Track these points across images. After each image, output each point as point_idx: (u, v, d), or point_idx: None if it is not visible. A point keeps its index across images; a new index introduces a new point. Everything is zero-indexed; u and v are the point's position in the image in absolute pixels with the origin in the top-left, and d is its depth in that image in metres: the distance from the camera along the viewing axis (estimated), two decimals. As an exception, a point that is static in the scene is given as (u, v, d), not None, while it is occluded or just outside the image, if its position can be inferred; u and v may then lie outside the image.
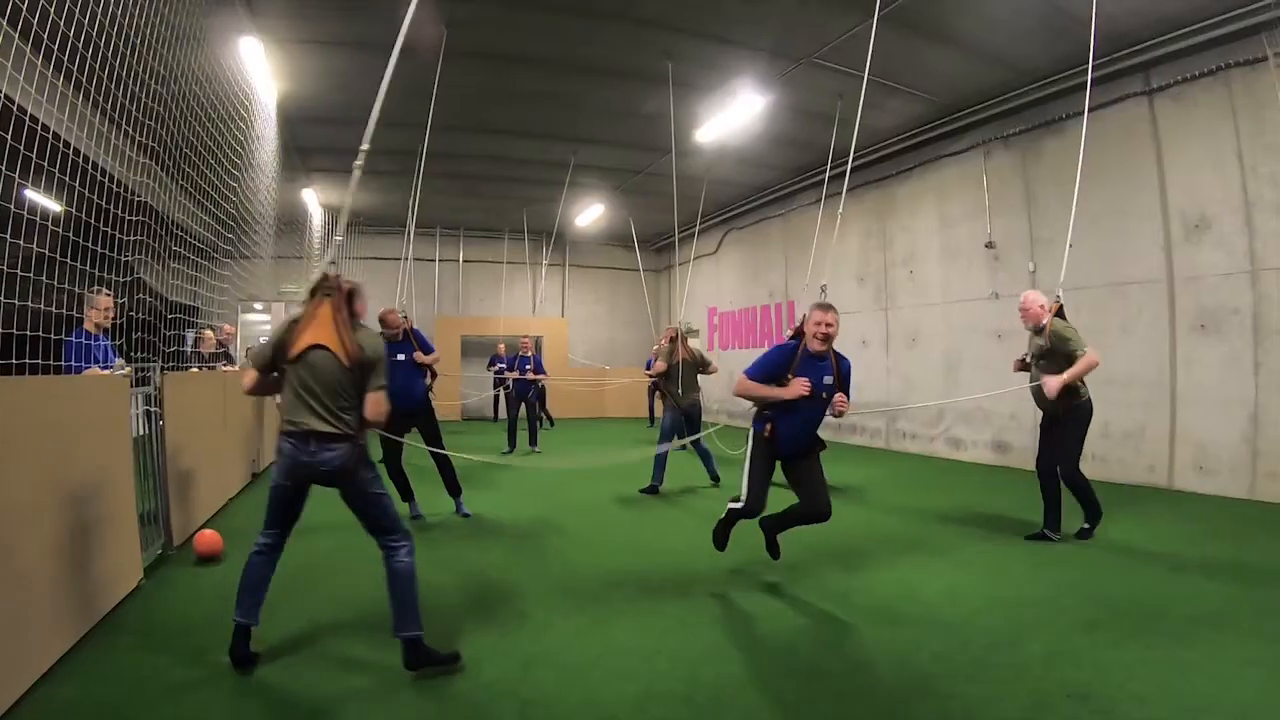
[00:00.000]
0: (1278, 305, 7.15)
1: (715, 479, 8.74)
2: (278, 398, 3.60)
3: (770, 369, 4.56)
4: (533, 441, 12.28)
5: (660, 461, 8.37)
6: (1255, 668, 3.38)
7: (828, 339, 4.48)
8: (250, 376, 3.62)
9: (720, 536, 4.95)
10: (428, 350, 7.13)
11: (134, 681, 3.31)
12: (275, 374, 3.55)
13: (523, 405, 12.29)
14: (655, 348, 10.01)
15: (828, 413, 4.65)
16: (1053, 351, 5.70)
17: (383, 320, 7.06)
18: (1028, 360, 6.18)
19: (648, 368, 13.38)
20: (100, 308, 5.20)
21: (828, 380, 4.55)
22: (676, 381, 8.44)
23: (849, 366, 4.72)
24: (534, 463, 10.92)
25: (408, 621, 3.45)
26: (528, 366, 12.14)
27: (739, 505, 4.67)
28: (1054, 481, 5.91)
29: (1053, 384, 5.51)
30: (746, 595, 4.56)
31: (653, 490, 8.24)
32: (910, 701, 3.16)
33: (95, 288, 5.03)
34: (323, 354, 3.44)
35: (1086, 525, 5.96)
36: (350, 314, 3.57)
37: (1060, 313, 5.91)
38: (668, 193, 12.67)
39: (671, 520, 7.00)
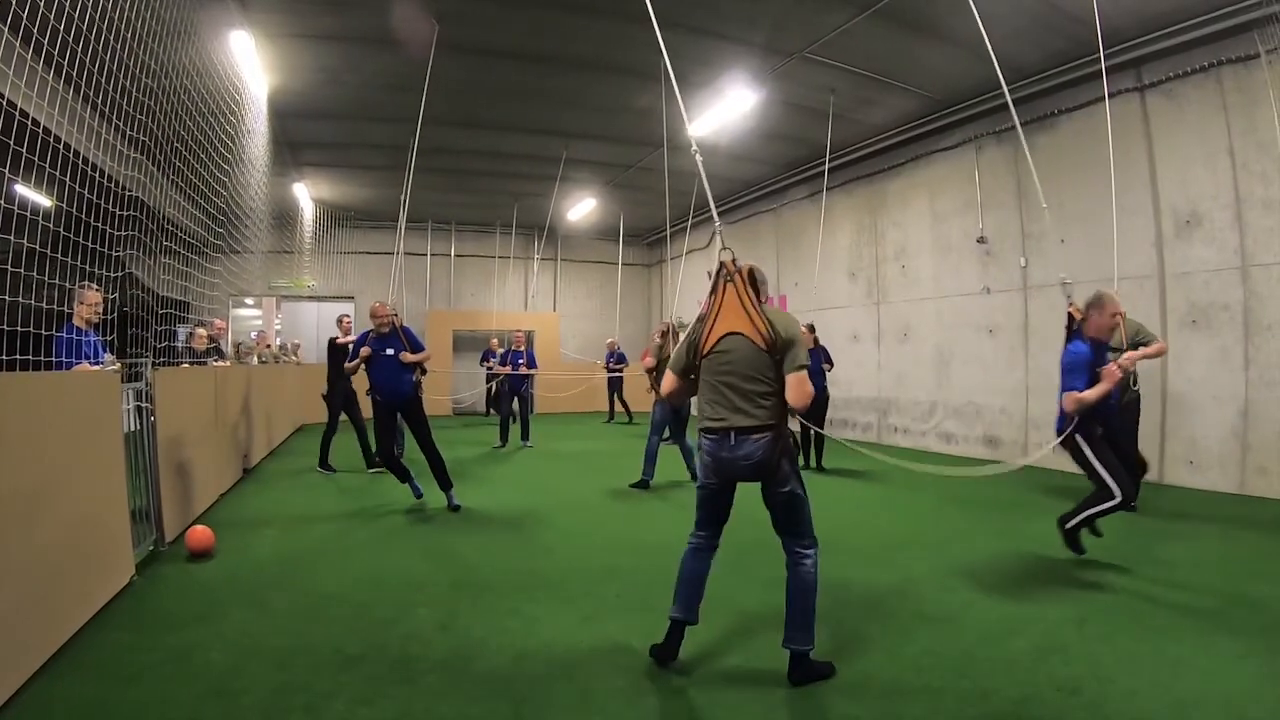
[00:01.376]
0: (1268, 301, 7.20)
1: (694, 476, 8.62)
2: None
3: (1086, 372, 4.79)
4: (524, 436, 12.24)
5: (650, 456, 8.38)
6: (1245, 662, 3.41)
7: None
8: (670, 381, 3.57)
9: (1076, 539, 5.09)
10: (417, 349, 7.19)
11: (126, 678, 3.30)
12: (693, 376, 3.50)
13: (515, 399, 12.32)
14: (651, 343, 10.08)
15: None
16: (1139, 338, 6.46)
17: (372, 313, 7.14)
18: None
19: (608, 364, 13.50)
20: (89, 303, 5.16)
21: (1110, 356, 5.14)
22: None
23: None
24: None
25: (801, 634, 3.32)
26: (520, 361, 12.19)
27: (1113, 501, 4.81)
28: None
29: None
30: (740, 590, 4.57)
31: (643, 485, 8.24)
32: (900, 695, 3.18)
33: (84, 283, 5.00)
34: (738, 340, 3.32)
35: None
36: (755, 294, 3.41)
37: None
38: (659, 188, 12.68)
39: (661, 515, 7.01)
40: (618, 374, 16.80)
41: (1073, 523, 5.02)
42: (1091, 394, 4.72)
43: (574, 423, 16.70)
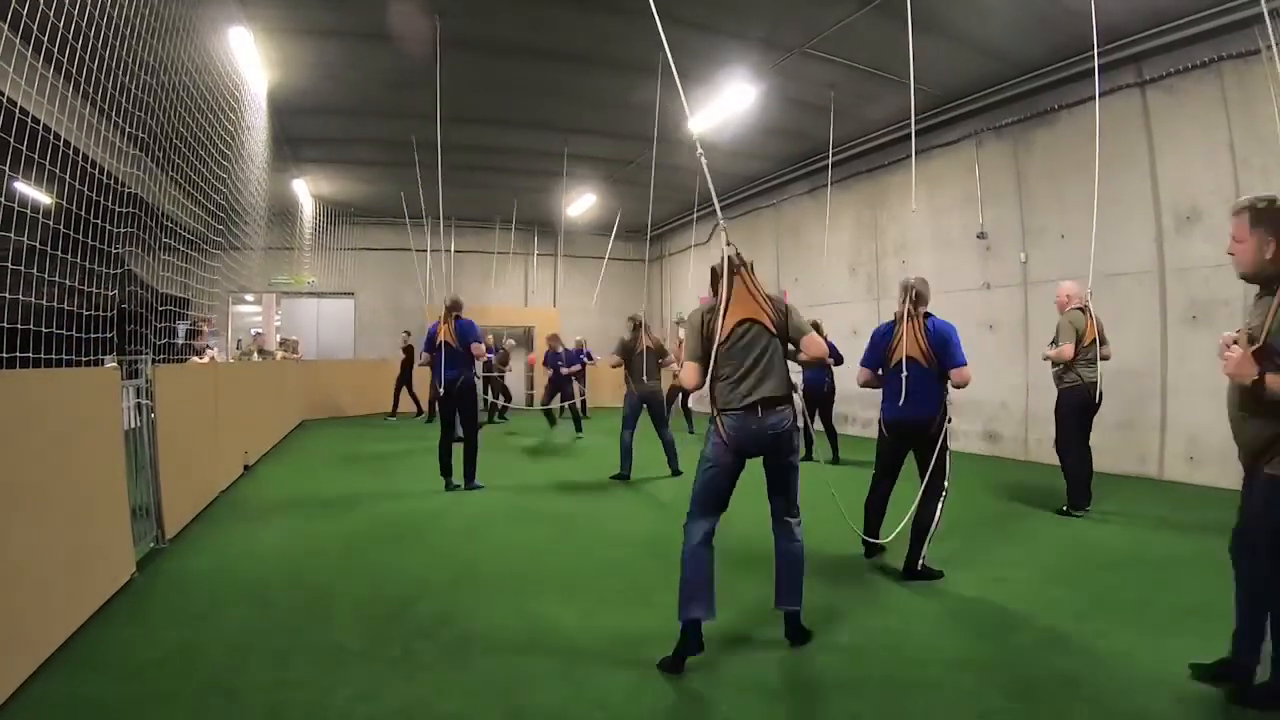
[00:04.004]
0: (1267, 297, 7.15)
1: (676, 471, 8.71)
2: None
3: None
4: (578, 428, 13.23)
5: (626, 450, 8.53)
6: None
7: None
8: (693, 370, 3.68)
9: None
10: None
11: (127, 675, 3.31)
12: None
13: (558, 395, 13.73)
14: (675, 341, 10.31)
15: None
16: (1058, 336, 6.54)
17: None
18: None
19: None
20: None
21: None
22: (641, 370, 8.60)
23: None
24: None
25: (797, 596, 3.70)
26: (559, 362, 13.60)
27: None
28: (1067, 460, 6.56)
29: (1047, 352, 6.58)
30: (735, 584, 4.57)
31: (623, 478, 8.41)
32: (900, 689, 3.19)
33: None
34: (753, 326, 3.63)
35: (1064, 507, 6.45)
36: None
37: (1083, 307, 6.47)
38: (659, 183, 12.67)
39: (651, 509, 7.00)
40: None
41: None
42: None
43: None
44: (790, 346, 3.78)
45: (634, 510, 7.10)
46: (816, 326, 9.46)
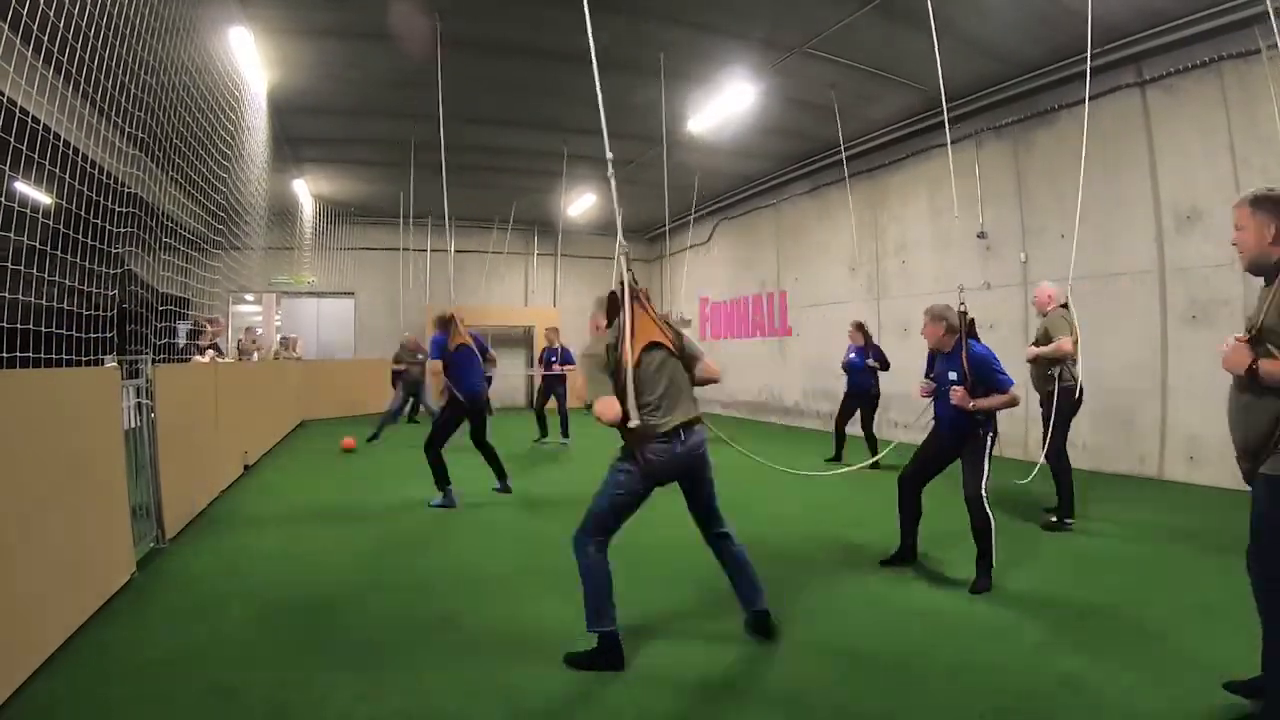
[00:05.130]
0: (1267, 297, 7.15)
1: None
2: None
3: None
4: (564, 433, 12.38)
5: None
6: (1247, 659, 3.41)
7: None
8: (609, 404, 3.47)
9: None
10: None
11: (127, 675, 3.31)
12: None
13: (551, 397, 12.58)
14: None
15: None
16: (1045, 336, 6.26)
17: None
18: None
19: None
20: None
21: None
22: None
23: None
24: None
25: (761, 594, 3.79)
26: (554, 359, 12.61)
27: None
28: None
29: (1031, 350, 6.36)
30: (680, 588, 4.56)
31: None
32: (902, 690, 3.19)
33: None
34: (659, 350, 3.66)
35: (1054, 517, 6.14)
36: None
37: (1065, 305, 6.33)
38: (660, 183, 12.65)
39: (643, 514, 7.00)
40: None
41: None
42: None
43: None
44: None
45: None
46: (861, 326, 9.47)
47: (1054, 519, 6.11)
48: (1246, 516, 2.91)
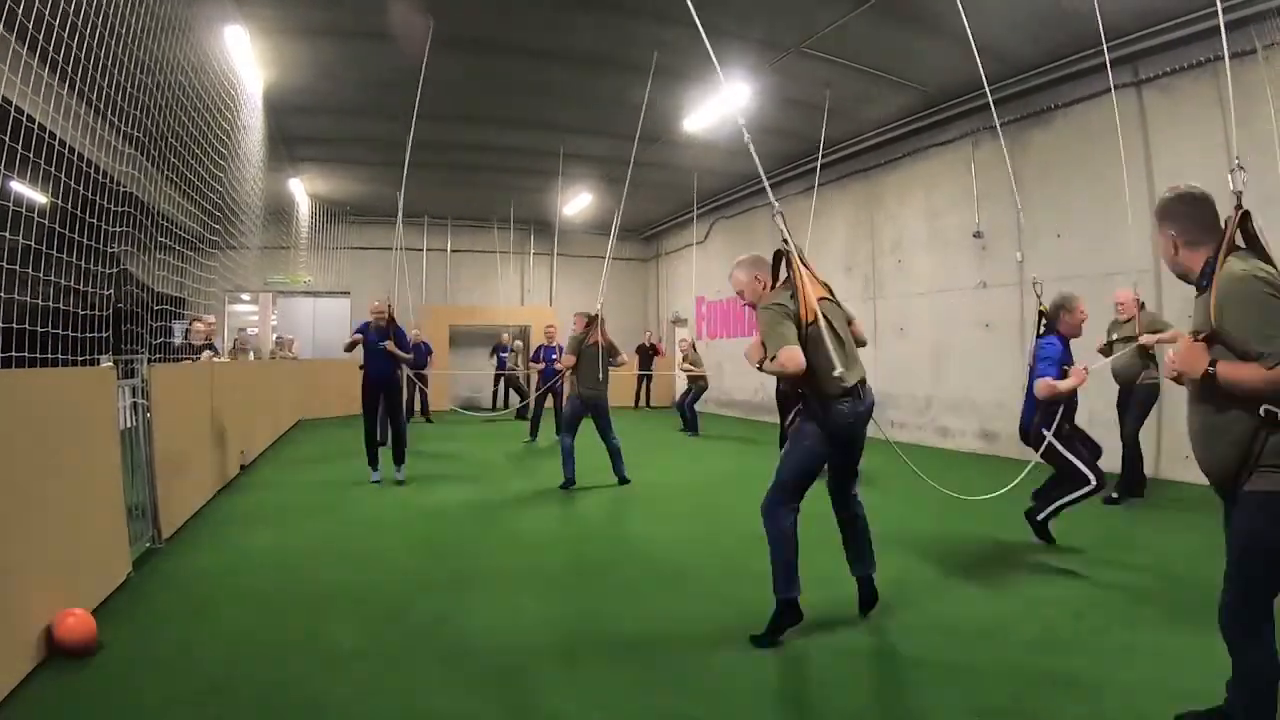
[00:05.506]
0: (1263, 296, 7.16)
1: (623, 479, 8.09)
2: None
3: (1058, 366, 4.98)
4: (558, 431, 12.08)
5: (567, 455, 7.90)
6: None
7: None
8: (797, 355, 3.39)
9: (1046, 530, 5.41)
10: (403, 347, 8.40)
11: (123, 674, 3.30)
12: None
13: (550, 395, 12.07)
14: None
15: None
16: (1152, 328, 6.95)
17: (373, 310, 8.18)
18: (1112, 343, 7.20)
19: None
20: None
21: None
22: (592, 371, 7.69)
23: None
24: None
25: (873, 561, 3.93)
26: (554, 356, 12.11)
27: (1089, 487, 5.06)
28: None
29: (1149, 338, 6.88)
30: (732, 585, 4.57)
31: (568, 485, 7.82)
32: (895, 689, 3.19)
33: None
34: (830, 303, 3.64)
35: (1114, 495, 6.77)
36: None
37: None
38: (657, 182, 12.65)
39: (641, 510, 7.01)
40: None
41: (1045, 514, 5.30)
42: (1064, 384, 4.93)
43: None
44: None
45: (621, 512, 7.11)
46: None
47: (1115, 495, 6.78)
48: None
